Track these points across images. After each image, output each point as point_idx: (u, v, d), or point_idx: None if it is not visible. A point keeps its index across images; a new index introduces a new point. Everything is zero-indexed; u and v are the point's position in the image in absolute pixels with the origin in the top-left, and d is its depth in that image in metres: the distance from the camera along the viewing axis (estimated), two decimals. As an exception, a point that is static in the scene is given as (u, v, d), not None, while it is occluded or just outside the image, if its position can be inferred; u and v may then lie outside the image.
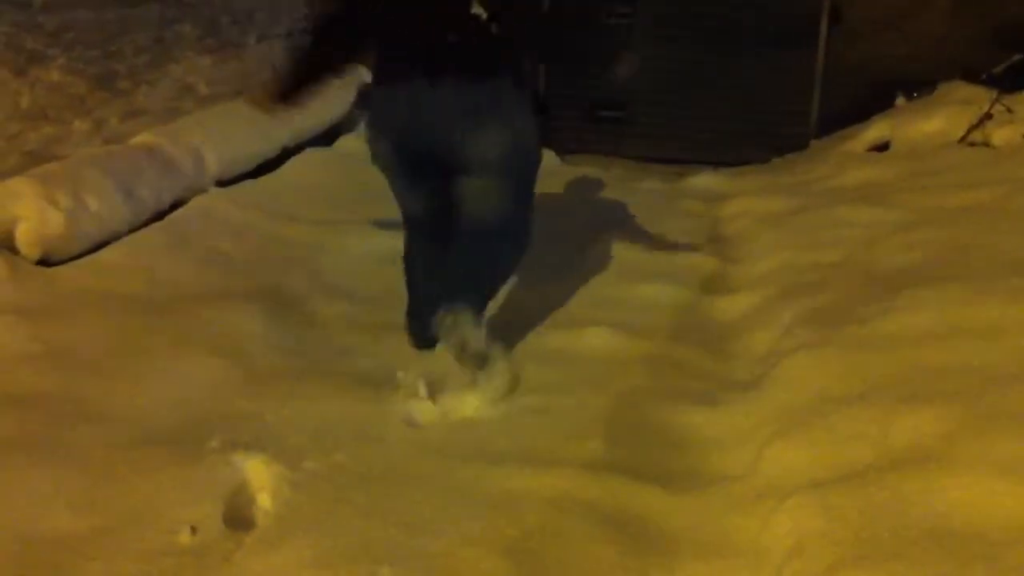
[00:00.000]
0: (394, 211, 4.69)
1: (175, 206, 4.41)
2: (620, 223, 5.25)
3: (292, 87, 3.29)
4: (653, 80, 7.14)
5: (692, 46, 7.16)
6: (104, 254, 3.85)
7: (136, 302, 3.56)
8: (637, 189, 6.07)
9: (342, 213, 4.89)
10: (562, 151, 7.20)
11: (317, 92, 3.34)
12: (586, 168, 6.68)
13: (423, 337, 3.47)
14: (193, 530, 2.37)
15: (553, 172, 6.56)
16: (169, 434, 2.82)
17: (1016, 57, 6.31)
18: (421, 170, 3.36)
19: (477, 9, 3.14)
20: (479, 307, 3.26)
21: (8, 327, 3.19)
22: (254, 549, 2.33)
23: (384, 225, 4.77)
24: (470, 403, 3.13)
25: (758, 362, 3.44)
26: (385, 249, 4.52)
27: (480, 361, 3.15)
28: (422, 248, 3.58)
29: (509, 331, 3.70)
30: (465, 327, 3.12)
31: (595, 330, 3.66)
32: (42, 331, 3.22)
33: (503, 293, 3.85)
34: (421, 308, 3.48)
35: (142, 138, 4.66)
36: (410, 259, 3.64)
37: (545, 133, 3.51)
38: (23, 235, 3.71)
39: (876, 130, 6.27)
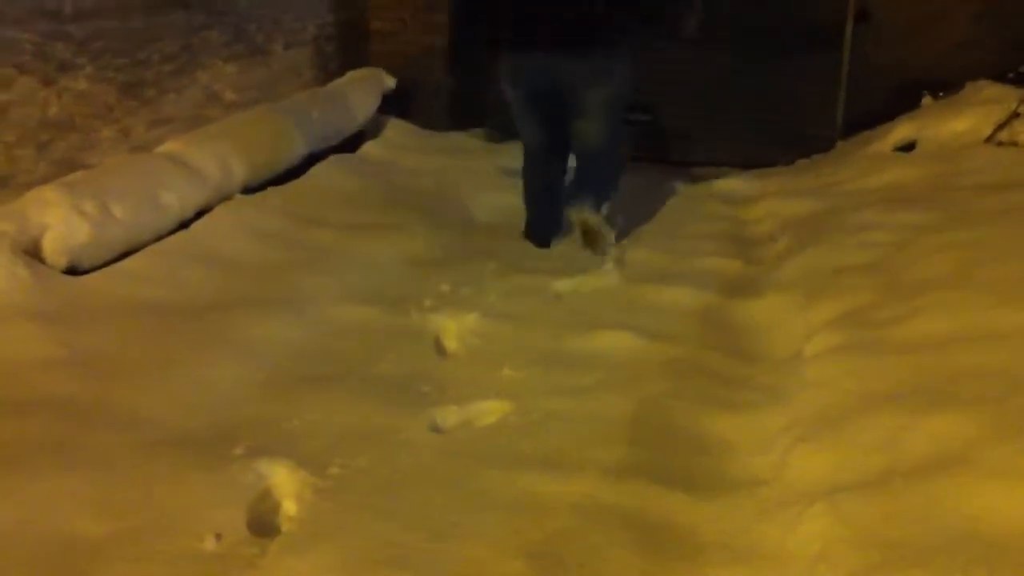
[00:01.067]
0: (421, 213, 4.75)
1: (201, 213, 4.43)
2: (645, 225, 5.24)
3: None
4: (679, 83, 7.12)
5: (717, 48, 7.13)
6: (130, 262, 3.86)
7: (161, 309, 3.58)
8: (663, 191, 6.04)
9: (367, 218, 4.90)
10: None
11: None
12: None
13: (540, 238, 4.90)
14: (218, 537, 2.38)
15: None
16: (194, 439, 2.84)
17: (1041, 56, 6.24)
18: (543, 112, 4.77)
19: None
20: (597, 203, 4.64)
21: (34, 334, 3.21)
22: (279, 555, 2.35)
23: (412, 229, 4.79)
24: (495, 408, 3.15)
25: (783, 366, 3.43)
26: (410, 253, 4.54)
27: (597, 237, 4.64)
28: (537, 169, 4.99)
29: (532, 331, 3.71)
30: (587, 212, 4.60)
31: (619, 333, 3.66)
32: (68, 337, 3.24)
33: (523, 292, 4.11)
34: (537, 216, 4.96)
35: (168, 146, 4.68)
36: (527, 179, 5.04)
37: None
38: (50, 244, 3.73)
39: (902, 130, 6.20)
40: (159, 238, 4.14)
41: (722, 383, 3.35)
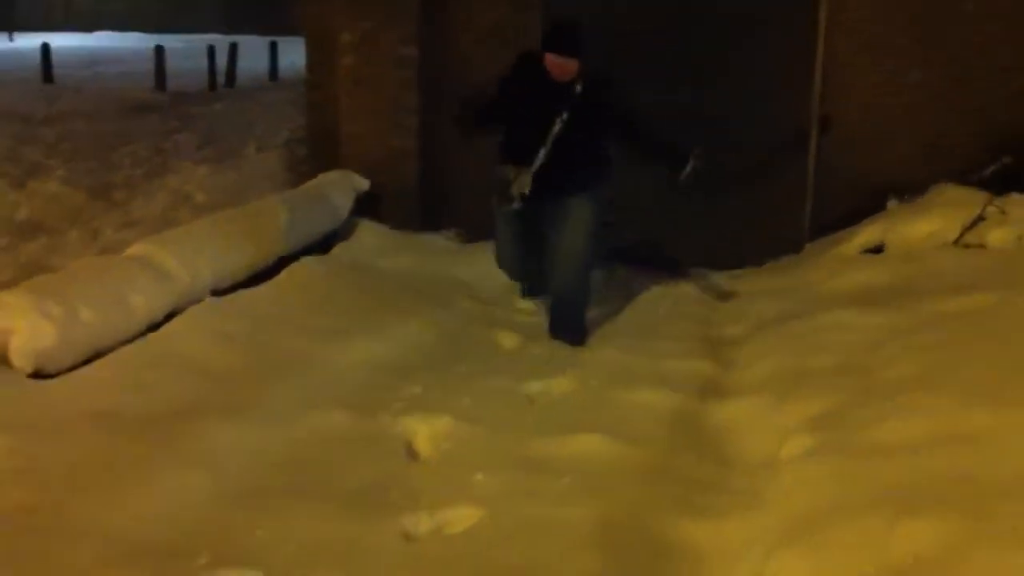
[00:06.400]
0: (391, 315, 4.68)
1: (170, 316, 4.39)
2: (615, 326, 5.24)
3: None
4: (649, 186, 7.19)
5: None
6: (95, 367, 3.81)
7: (125, 417, 3.51)
8: (634, 293, 6.06)
9: (337, 321, 4.86)
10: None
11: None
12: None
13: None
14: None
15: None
16: (157, 551, 2.76)
17: (1005, 159, 6.36)
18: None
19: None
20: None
21: (-2, 443, 3.14)
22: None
23: (382, 332, 4.76)
24: (467, 515, 3.08)
25: (757, 470, 3.39)
26: (381, 356, 4.50)
27: None
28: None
29: (504, 435, 3.66)
30: None
31: (590, 437, 3.61)
32: (31, 447, 3.17)
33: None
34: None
35: (137, 248, 4.66)
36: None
37: None
38: (16, 348, 3.69)
39: (869, 233, 6.27)
40: (127, 341, 4.09)
41: (696, 488, 3.30)
